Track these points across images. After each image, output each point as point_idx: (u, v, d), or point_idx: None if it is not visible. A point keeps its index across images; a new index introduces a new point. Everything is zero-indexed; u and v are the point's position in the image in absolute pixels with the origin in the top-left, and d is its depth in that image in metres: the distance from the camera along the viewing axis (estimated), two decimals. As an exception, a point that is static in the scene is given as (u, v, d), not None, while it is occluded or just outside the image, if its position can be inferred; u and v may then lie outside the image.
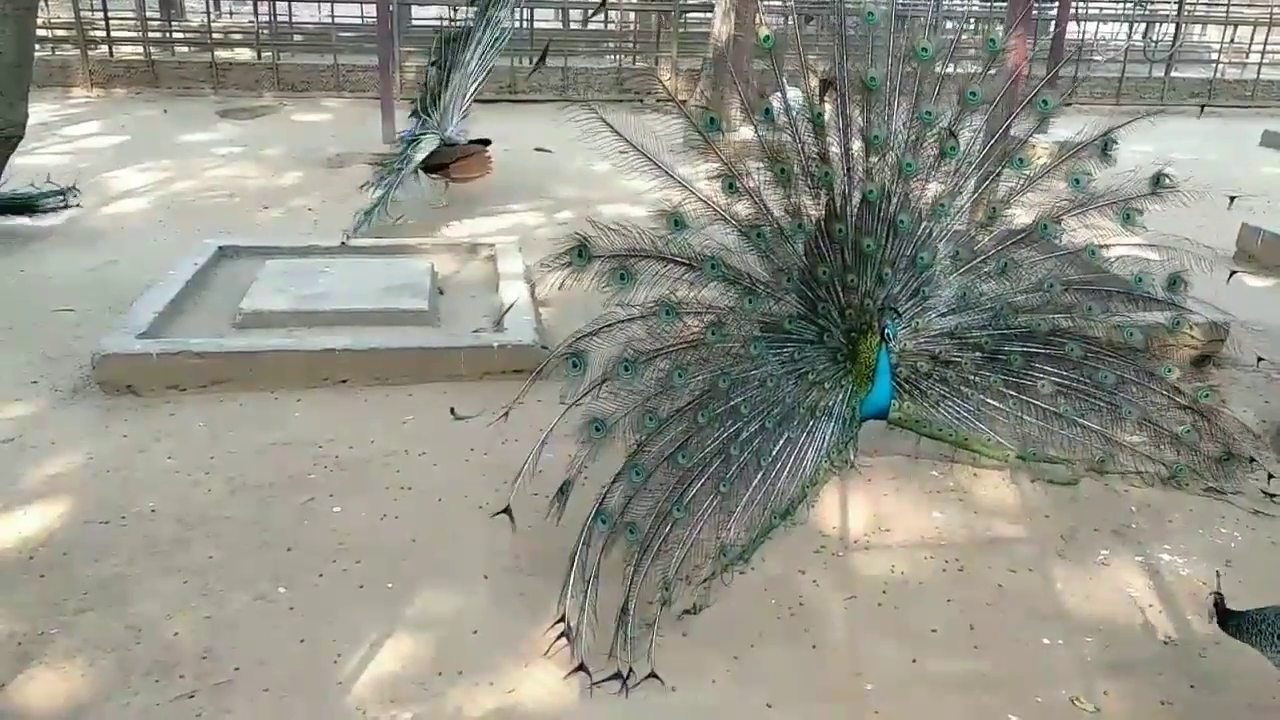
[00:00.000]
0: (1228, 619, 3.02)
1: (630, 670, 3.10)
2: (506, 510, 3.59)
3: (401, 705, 3.02)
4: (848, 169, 4.03)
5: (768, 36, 4.15)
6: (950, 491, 4.34)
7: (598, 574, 3.28)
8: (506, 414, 3.83)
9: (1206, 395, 4.20)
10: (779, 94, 4.09)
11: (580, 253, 3.69)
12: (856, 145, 4.04)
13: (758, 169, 4.04)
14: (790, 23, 15.19)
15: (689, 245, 3.90)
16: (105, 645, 3.21)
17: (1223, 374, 5.37)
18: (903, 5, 13.22)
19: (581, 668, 3.11)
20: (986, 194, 4.23)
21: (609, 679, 3.09)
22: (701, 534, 3.47)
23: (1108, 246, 4.24)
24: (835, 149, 4.04)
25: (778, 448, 3.78)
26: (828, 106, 4.03)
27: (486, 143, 8.70)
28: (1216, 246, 6.19)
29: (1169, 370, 4.17)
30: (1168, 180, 4.16)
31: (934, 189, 4.14)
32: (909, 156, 4.05)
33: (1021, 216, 4.25)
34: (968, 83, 4.13)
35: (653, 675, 3.11)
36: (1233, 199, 4.75)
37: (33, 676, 3.08)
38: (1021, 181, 4.19)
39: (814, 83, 4.08)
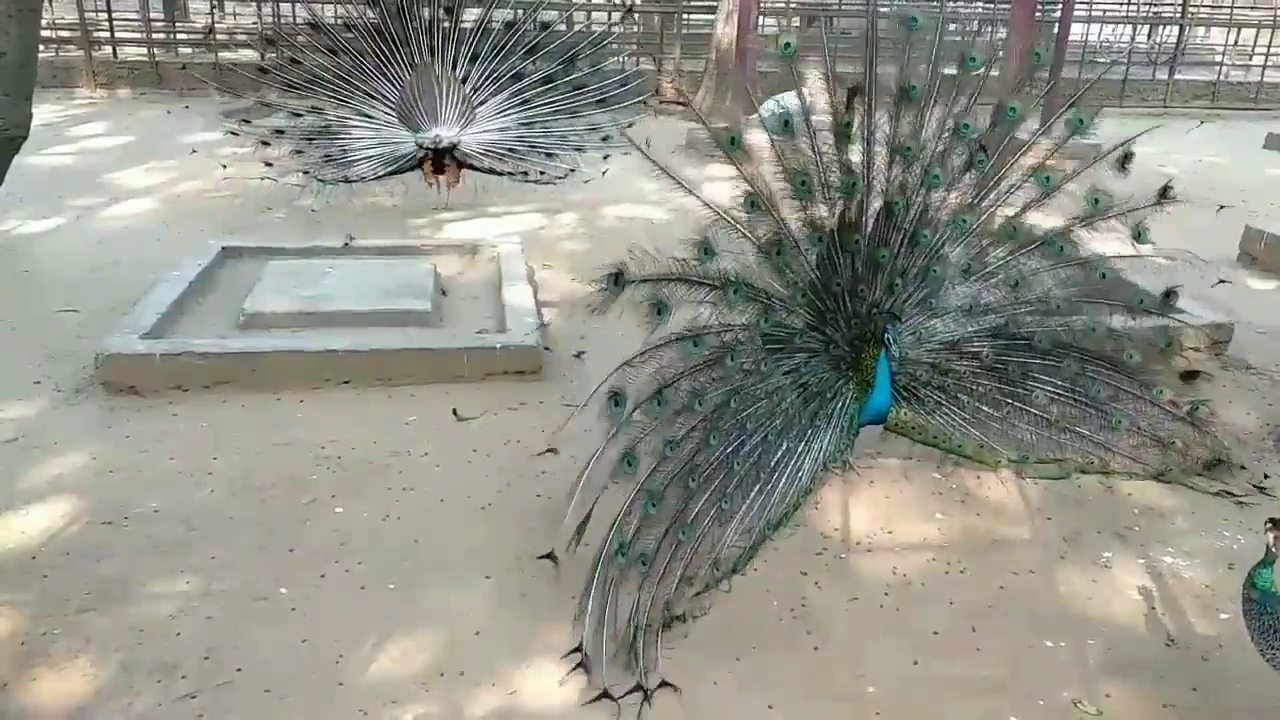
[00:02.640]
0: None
1: (647, 692, 3.07)
2: (550, 555, 3.55)
3: (403, 705, 3.02)
4: (869, 179, 3.99)
5: (788, 44, 4.07)
6: (952, 493, 4.33)
7: (616, 599, 3.25)
8: (554, 450, 3.77)
9: (1198, 409, 4.22)
10: (797, 101, 4.05)
11: (616, 280, 3.66)
12: (881, 155, 4.00)
13: (777, 178, 3.98)
14: (805, 26, 15.18)
15: (714, 268, 3.86)
16: (108, 645, 3.22)
17: (1223, 375, 5.39)
18: (932, 10, 13.19)
19: (605, 695, 3.07)
20: (1004, 206, 4.21)
21: (629, 692, 3.06)
22: (701, 547, 3.46)
23: (1110, 259, 4.25)
24: (857, 158, 3.99)
25: (777, 458, 3.78)
26: (856, 115, 3.99)
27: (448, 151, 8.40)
28: (1218, 247, 6.22)
29: (1161, 393, 4.23)
30: (1174, 193, 4.17)
31: (954, 200, 4.12)
32: (937, 167, 4.02)
33: (1033, 228, 4.24)
34: (1006, 96, 4.12)
35: (665, 684, 3.10)
36: (1221, 208, 4.81)
37: (35, 676, 3.08)
38: (1040, 195, 4.17)
39: (837, 89, 4.01)
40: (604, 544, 3.31)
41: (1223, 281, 5.07)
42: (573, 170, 8.50)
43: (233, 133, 8.41)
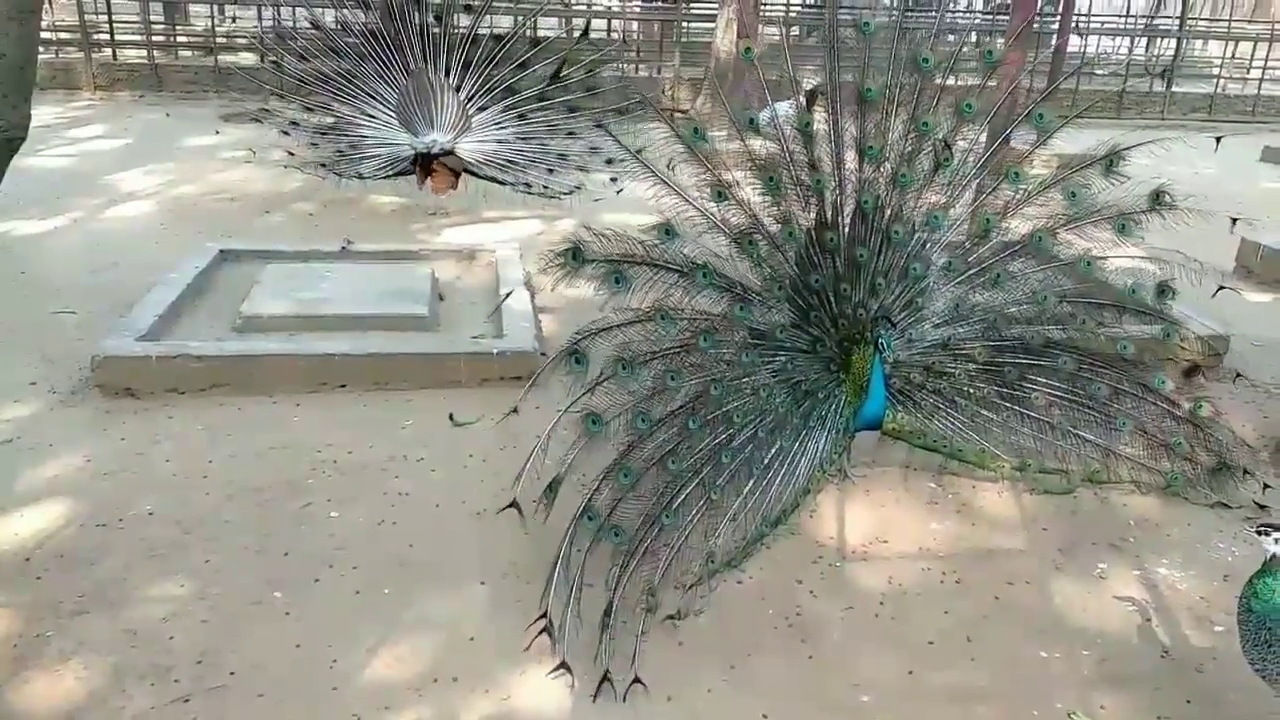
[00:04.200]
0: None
1: (607, 673, 3.09)
2: (514, 504, 3.60)
3: (396, 711, 3.02)
4: (840, 179, 4.05)
5: (748, 49, 4.19)
6: (948, 503, 4.34)
7: (583, 573, 3.29)
8: (516, 410, 3.84)
9: (1200, 407, 4.20)
10: (768, 107, 4.12)
11: (574, 255, 3.77)
12: (850, 155, 4.06)
13: (747, 177, 4.07)
14: (786, 34, 15.26)
15: (681, 253, 3.94)
16: (101, 648, 3.21)
17: (1219, 387, 5.40)
18: (901, 15, 13.25)
19: (563, 666, 3.12)
20: (981, 206, 4.24)
21: (600, 684, 3.08)
22: (690, 540, 3.48)
23: (1103, 259, 4.25)
24: (826, 159, 4.06)
25: (769, 456, 3.79)
26: (817, 116, 4.05)
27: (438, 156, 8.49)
28: (1214, 260, 6.22)
29: (1162, 382, 4.18)
30: (1167, 198, 4.17)
31: (929, 200, 4.15)
32: (904, 168, 4.06)
33: (1017, 228, 4.25)
34: (965, 95, 4.15)
35: (636, 681, 3.10)
36: (1235, 220, 4.81)
37: (28, 679, 3.07)
38: (1019, 195, 4.20)
39: (801, 94, 4.10)
40: (575, 512, 3.37)
41: (1223, 289, 5.06)
42: (579, 187, 8.52)
43: (256, 120, 8.81)
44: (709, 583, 3.50)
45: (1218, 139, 7.22)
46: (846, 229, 4.07)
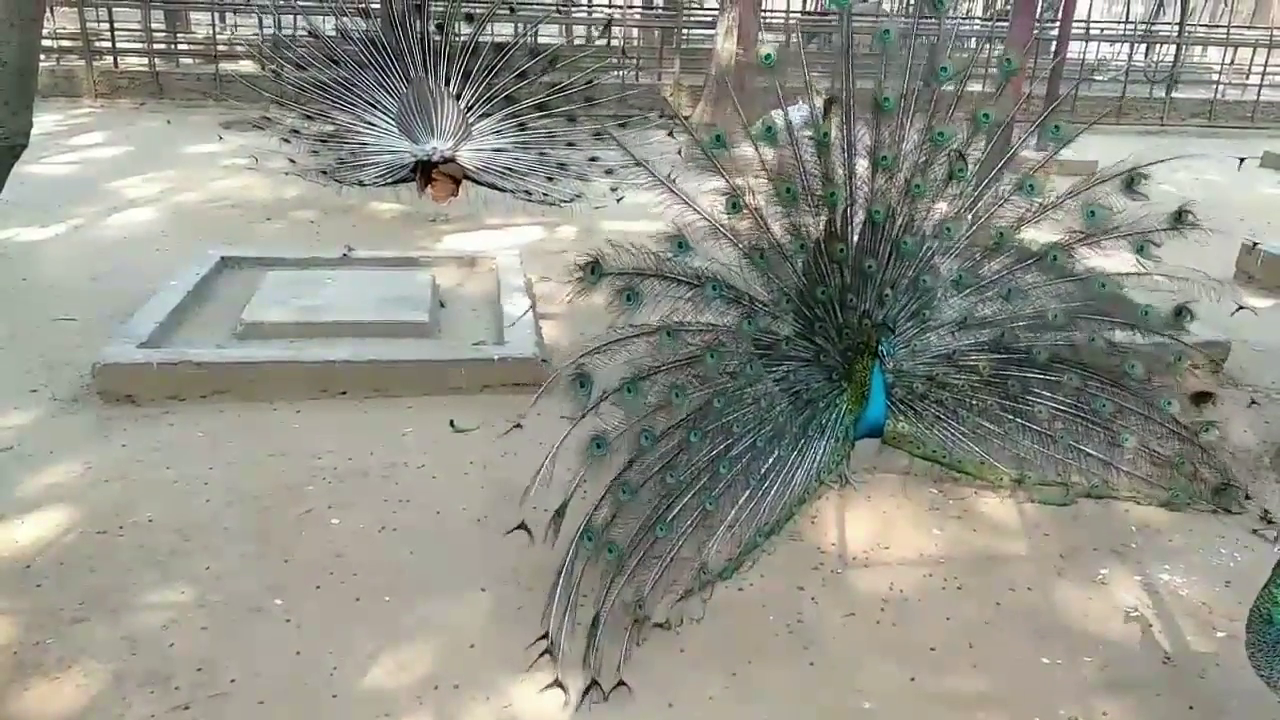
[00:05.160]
0: None
1: (592, 682, 3.09)
2: (522, 526, 3.57)
3: (397, 718, 3.01)
4: (851, 188, 4.03)
5: (768, 55, 4.16)
6: (950, 509, 4.33)
7: (580, 587, 3.28)
8: (520, 425, 3.80)
9: (1207, 431, 4.18)
10: (781, 112, 4.10)
11: (593, 269, 3.73)
12: (862, 165, 4.04)
13: (762, 187, 4.04)
14: (793, 40, 15.27)
15: (691, 266, 3.91)
16: (101, 655, 3.20)
17: (1221, 393, 5.38)
18: (910, 23, 13.24)
19: (557, 683, 3.11)
20: (993, 218, 4.21)
21: (584, 693, 3.09)
22: (683, 551, 3.46)
23: (1119, 276, 4.22)
24: (840, 168, 4.04)
25: (767, 465, 3.77)
26: (833, 124, 4.03)
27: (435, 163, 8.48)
28: (1214, 266, 6.25)
29: (1168, 403, 4.15)
30: (1191, 217, 4.14)
31: (940, 211, 4.13)
32: (918, 178, 4.04)
33: (1031, 242, 4.23)
34: (980, 104, 4.13)
35: (621, 684, 3.10)
36: (1242, 160, 4.74)
37: (28, 686, 3.06)
38: (1034, 209, 4.15)
39: (819, 101, 4.08)
40: (576, 530, 3.35)
41: (1242, 308, 5.02)
42: (579, 195, 8.53)
43: (258, 127, 8.79)
44: (700, 594, 3.49)
45: (1240, 159, 7.15)
46: (856, 239, 4.05)
